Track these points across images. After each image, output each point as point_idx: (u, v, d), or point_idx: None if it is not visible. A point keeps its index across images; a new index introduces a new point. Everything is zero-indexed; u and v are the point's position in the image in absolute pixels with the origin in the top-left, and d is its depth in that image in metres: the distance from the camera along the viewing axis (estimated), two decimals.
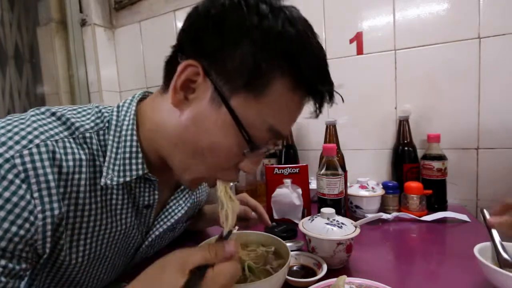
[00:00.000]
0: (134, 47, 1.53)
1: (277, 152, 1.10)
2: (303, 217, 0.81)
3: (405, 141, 0.97)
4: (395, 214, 0.84)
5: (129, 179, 0.42)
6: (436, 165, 0.88)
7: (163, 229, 0.54)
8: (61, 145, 0.38)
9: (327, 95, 0.41)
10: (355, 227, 0.60)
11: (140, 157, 0.43)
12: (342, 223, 0.61)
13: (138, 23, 1.51)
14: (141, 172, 0.43)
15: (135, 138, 0.43)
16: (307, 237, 0.62)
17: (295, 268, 0.59)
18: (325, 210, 0.63)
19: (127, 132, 0.43)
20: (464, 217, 0.80)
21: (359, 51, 1.05)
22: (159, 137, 0.44)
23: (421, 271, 0.59)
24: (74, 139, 0.40)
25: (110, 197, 0.43)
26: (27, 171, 0.34)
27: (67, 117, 0.41)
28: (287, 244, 0.54)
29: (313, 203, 0.89)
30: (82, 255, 0.43)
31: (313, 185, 0.96)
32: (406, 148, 0.97)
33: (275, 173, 0.86)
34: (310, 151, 1.15)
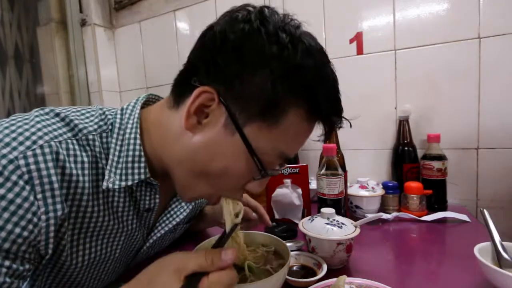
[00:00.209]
0: (134, 47, 1.53)
1: None
2: (303, 217, 0.81)
3: (405, 141, 0.97)
4: (395, 214, 0.84)
5: (131, 183, 0.42)
6: (436, 165, 0.88)
7: (164, 231, 0.54)
8: (64, 146, 0.38)
9: (338, 123, 0.42)
10: (355, 227, 0.60)
11: (142, 161, 0.43)
12: (342, 223, 0.61)
13: (138, 23, 1.51)
14: (143, 176, 0.43)
15: (138, 142, 0.43)
16: (307, 237, 0.62)
17: (295, 268, 0.59)
18: (325, 210, 0.63)
19: (130, 135, 0.43)
20: (464, 217, 0.80)
21: (359, 51, 1.05)
22: (166, 152, 0.44)
23: (421, 271, 0.59)
24: (77, 140, 0.40)
25: (112, 200, 0.43)
26: (31, 172, 0.34)
27: (71, 118, 0.41)
28: (287, 244, 0.54)
29: (313, 203, 0.89)
30: (83, 256, 0.43)
31: (313, 185, 0.96)
32: (406, 148, 0.97)
33: None
34: (310, 151, 1.15)
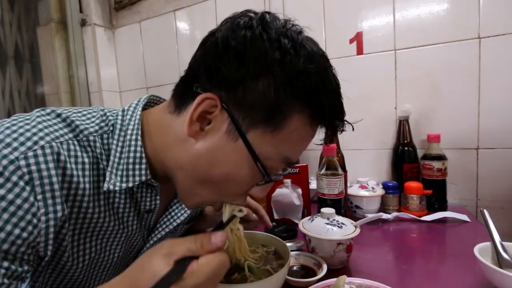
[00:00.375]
0: (134, 47, 1.53)
1: None
2: (303, 217, 0.82)
3: (405, 141, 0.97)
4: (395, 214, 0.84)
5: (132, 184, 0.42)
6: (436, 165, 0.88)
7: (165, 232, 0.54)
8: (65, 147, 0.38)
9: (340, 126, 0.43)
10: (355, 227, 0.60)
11: (143, 162, 0.43)
12: (342, 223, 0.61)
13: (138, 23, 1.51)
14: (144, 178, 0.42)
15: (139, 143, 0.43)
16: (307, 237, 0.62)
17: (295, 268, 0.59)
18: (325, 210, 0.63)
19: (132, 137, 0.43)
20: (464, 217, 0.80)
21: (359, 51, 1.05)
22: (168, 157, 0.44)
23: (421, 271, 0.59)
24: (78, 141, 0.40)
25: (112, 201, 0.43)
26: (32, 173, 0.34)
27: (72, 119, 0.41)
28: (287, 244, 0.54)
29: (313, 203, 0.89)
30: (84, 256, 0.43)
31: (313, 185, 0.96)
32: (406, 148, 0.97)
33: None
34: (310, 151, 1.14)
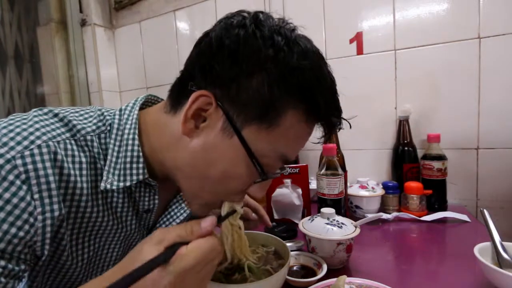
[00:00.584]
0: (134, 47, 1.53)
1: None
2: (303, 217, 0.81)
3: (405, 141, 0.97)
4: (395, 214, 0.84)
5: (129, 183, 0.42)
6: (436, 165, 0.88)
7: None
8: (62, 146, 0.38)
9: (337, 124, 0.42)
10: (355, 227, 0.60)
11: (141, 161, 0.43)
12: (342, 223, 0.61)
13: (138, 23, 1.51)
14: (141, 177, 0.42)
15: (136, 142, 0.43)
16: (307, 237, 0.62)
17: (295, 268, 0.59)
18: (325, 210, 0.63)
19: (129, 136, 0.43)
20: (464, 217, 0.80)
21: (359, 51, 1.05)
22: (166, 157, 0.44)
23: (421, 271, 0.59)
24: (75, 141, 0.40)
25: (110, 200, 0.43)
26: (28, 172, 0.34)
27: (69, 119, 0.41)
28: (287, 244, 0.54)
29: (313, 203, 0.89)
30: (82, 255, 0.43)
31: (313, 185, 0.96)
32: (406, 148, 0.97)
33: None
34: (310, 151, 1.14)
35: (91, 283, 0.34)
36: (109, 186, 0.41)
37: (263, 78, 0.36)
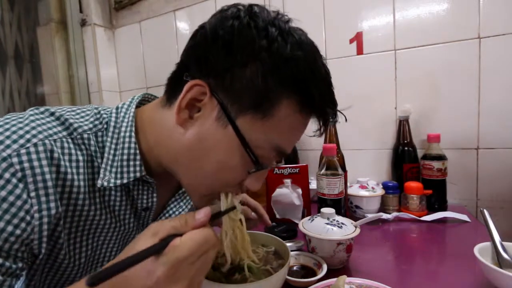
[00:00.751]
0: (134, 47, 1.53)
1: None
2: (303, 217, 0.81)
3: (405, 141, 0.97)
4: (395, 214, 0.84)
5: (126, 181, 0.42)
6: (436, 165, 0.88)
7: None
8: (59, 144, 0.38)
9: (332, 115, 0.42)
10: (355, 227, 0.60)
11: (138, 159, 0.43)
12: (342, 223, 0.61)
13: (138, 23, 1.51)
14: (138, 174, 0.42)
15: (133, 140, 0.43)
16: (307, 237, 0.62)
17: (295, 268, 0.59)
18: (325, 210, 0.63)
19: (126, 134, 0.43)
20: (464, 217, 0.80)
21: (359, 51, 1.05)
22: (162, 151, 0.44)
23: (421, 271, 0.59)
24: (72, 139, 0.40)
25: (108, 199, 0.43)
26: (24, 170, 0.34)
27: (66, 117, 0.41)
28: (287, 244, 0.54)
29: (313, 203, 0.89)
30: (80, 254, 0.43)
31: (313, 185, 0.96)
32: (406, 148, 0.97)
33: (275, 173, 0.86)
34: (310, 151, 1.15)
35: (83, 283, 0.34)
36: (106, 183, 0.41)
37: (257, 68, 0.37)
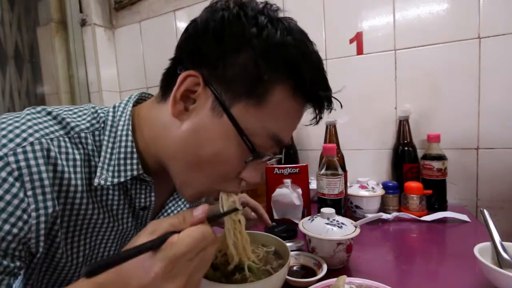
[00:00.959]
0: (134, 47, 1.53)
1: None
2: (303, 217, 0.81)
3: (405, 141, 0.97)
4: (395, 214, 0.84)
5: (123, 179, 0.42)
6: (436, 165, 0.88)
7: None
8: (56, 143, 0.38)
9: (326, 101, 0.42)
10: (355, 227, 0.60)
11: (135, 157, 0.43)
12: (342, 223, 0.61)
13: (138, 23, 1.51)
14: (135, 172, 0.42)
15: (130, 138, 0.43)
16: (307, 237, 0.62)
17: (295, 268, 0.59)
18: (325, 210, 0.63)
19: (122, 132, 0.43)
20: (464, 217, 0.80)
21: (359, 51, 1.05)
22: (159, 147, 0.44)
23: (421, 271, 0.59)
24: (69, 138, 0.40)
25: (106, 198, 0.43)
26: (21, 169, 0.34)
27: (63, 116, 0.41)
28: (287, 244, 0.54)
29: (313, 203, 0.89)
30: (78, 253, 0.43)
31: (313, 185, 0.96)
32: (406, 148, 0.97)
33: (275, 173, 0.86)
34: (310, 151, 1.15)
35: (82, 281, 0.33)
36: (103, 182, 0.41)
37: (249, 54, 0.37)
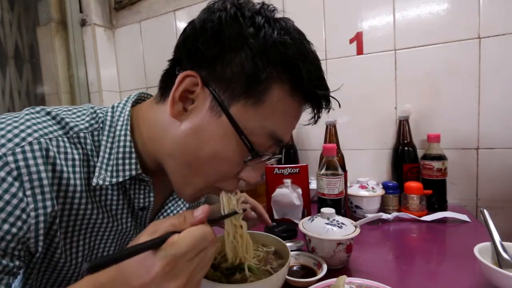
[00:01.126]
0: (134, 47, 1.53)
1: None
2: (303, 217, 0.81)
3: (405, 141, 0.97)
4: (395, 214, 0.84)
5: (122, 179, 0.42)
6: (436, 165, 0.88)
7: None
8: (54, 143, 0.38)
9: (324, 100, 0.42)
10: (355, 227, 0.60)
11: (133, 157, 0.43)
12: (342, 223, 0.61)
13: (138, 23, 1.51)
14: (134, 172, 0.42)
15: (128, 138, 0.43)
16: (307, 237, 0.62)
17: (295, 268, 0.59)
18: (325, 210, 0.63)
19: (121, 132, 0.43)
20: (464, 217, 0.80)
21: (359, 51, 1.05)
22: (157, 147, 0.44)
23: (421, 271, 0.59)
24: (68, 138, 0.40)
25: (105, 198, 0.43)
26: (20, 168, 0.34)
27: (62, 116, 0.41)
28: (287, 244, 0.54)
29: (313, 203, 0.89)
30: (77, 253, 0.43)
31: (313, 185, 0.96)
32: (406, 148, 0.97)
33: (275, 173, 0.86)
34: (310, 151, 1.15)
35: (84, 280, 0.34)
36: (101, 182, 0.41)
37: (246, 53, 0.37)
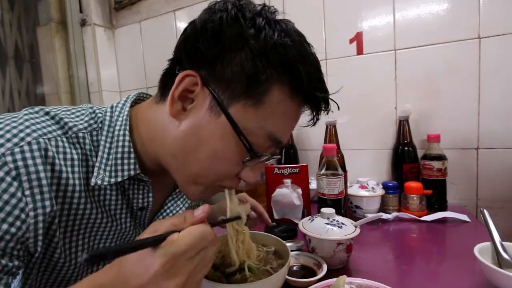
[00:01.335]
0: (134, 47, 1.53)
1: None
2: (303, 217, 0.81)
3: (405, 141, 0.97)
4: (395, 214, 0.84)
5: (120, 179, 0.42)
6: (436, 165, 0.88)
7: None
8: (53, 143, 0.38)
9: (323, 103, 0.42)
10: (355, 227, 0.60)
11: (132, 157, 0.43)
12: (342, 223, 0.61)
13: (138, 23, 1.51)
14: (133, 172, 0.42)
15: (127, 138, 0.43)
16: (307, 237, 0.62)
17: (295, 268, 0.59)
18: (325, 210, 0.63)
19: (120, 132, 0.43)
20: (464, 217, 0.80)
21: (359, 51, 1.05)
22: (157, 147, 0.44)
23: (421, 271, 0.59)
24: (67, 138, 0.40)
25: (104, 198, 0.43)
26: (18, 168, 0.34)
27: (61, 116, 0.41)
28: (287, 244, 0.54)
29: (313, 203, 0.89)
30: (76, 253, 0.43)
31: (313, 185, 0.96)
32: (406, 148, 0.97)
33: (275, 173, 0.86)
34: (310, 151, 1.15)
35: (84, 281, 0.34)
36: (100, 182, 0.41)
37: (246, 54, 0.37)
